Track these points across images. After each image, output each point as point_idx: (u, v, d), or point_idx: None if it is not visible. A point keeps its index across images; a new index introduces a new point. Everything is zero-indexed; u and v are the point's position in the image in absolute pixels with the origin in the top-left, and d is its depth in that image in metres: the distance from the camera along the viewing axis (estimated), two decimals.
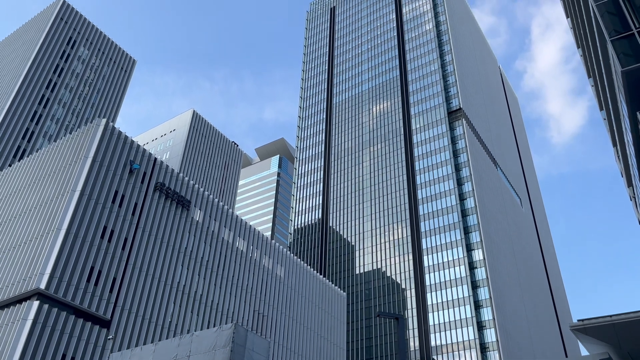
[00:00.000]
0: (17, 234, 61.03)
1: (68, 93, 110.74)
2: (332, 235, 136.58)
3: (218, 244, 73.94)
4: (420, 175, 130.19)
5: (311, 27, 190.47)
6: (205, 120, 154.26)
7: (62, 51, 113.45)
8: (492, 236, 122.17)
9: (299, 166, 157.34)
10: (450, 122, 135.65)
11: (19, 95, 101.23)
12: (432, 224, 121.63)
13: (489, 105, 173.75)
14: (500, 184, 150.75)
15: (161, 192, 68.06)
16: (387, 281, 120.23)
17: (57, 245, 54.27)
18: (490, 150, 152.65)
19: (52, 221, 57.25)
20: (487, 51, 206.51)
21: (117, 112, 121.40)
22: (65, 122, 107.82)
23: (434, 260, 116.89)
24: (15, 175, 71.16)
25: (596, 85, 46.71)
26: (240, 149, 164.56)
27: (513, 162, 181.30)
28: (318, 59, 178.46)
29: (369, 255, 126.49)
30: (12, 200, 67.48)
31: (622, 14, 32.82)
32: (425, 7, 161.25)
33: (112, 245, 59.61)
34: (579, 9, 45.79)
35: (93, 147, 61.95)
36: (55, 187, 61.56)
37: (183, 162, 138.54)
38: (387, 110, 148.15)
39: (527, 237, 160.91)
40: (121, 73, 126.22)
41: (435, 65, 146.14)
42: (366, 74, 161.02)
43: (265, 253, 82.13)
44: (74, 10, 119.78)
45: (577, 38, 53.45)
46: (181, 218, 69.79)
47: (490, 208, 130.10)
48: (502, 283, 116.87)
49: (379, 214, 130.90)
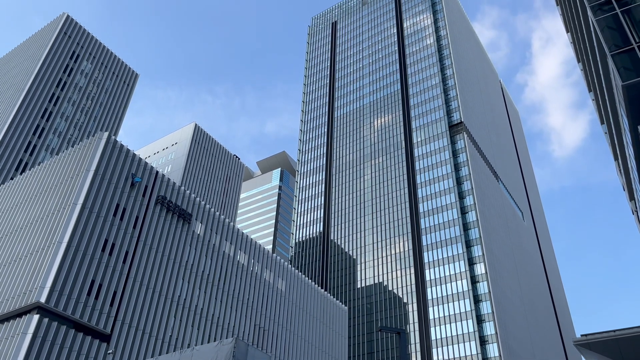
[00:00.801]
0: (18, 247, 60.94)
1: (71, 107, 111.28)
2: (333, 249, 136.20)
3: (219, 257, 73.74)
4: (421, 189, 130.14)
5: (313, 42, 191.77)
6: (207, 133, 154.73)
7: (66, 65, 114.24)
8: (493, 250, 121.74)
9: (301, 179, 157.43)
10: (452, 136, 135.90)
11: (22, 109, 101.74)
12: (433, 237, 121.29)
13: (490, 119, 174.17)
14: (502, 197, 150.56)
15: (162, 205, 68.04)
16: (388, 295, 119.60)
17: (58, 258, 54.16)
18: (492, 163, 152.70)
19: (53, 234, 57.19)
20: (487, 65, 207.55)
21: (119, 126, 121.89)
22: (68, 136, 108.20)
23: (435, 274, 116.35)
24: (17, 188, 71.26)
25: (597, 99, 46.86)
26: (241, 162, 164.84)
27: (514, 175, 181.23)
28: (319, 72, 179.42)
29: (371, 269, 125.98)
30: (13, 213, 67.50)
31: (622, 29, 33.03)
32: (426, 21, 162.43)
33: (112, 259, 59.47)
34: (578, 24, 46.10)
35: (95, 161, 62.09)
36: (56, 200, 61.60)
37: (185, 175, 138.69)
38: (388, 123, 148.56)
39: (529, 251, 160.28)
40: (124, 87, 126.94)
41: (436, 79, 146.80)
42: (367, 87, 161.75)
43: (266, 267, 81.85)
44: (77, 24, 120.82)
45: (577, 52, 53.75)
46: (182, 231, 69.69)
47: (492, 222, 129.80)
48: (504, 297, 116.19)
49: (380, 228, 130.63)
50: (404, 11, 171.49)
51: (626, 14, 33.29)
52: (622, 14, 33.29)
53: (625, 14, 33.28)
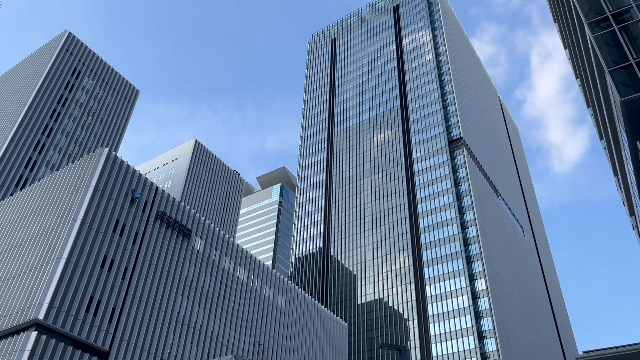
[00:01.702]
0: (17, 263, 60.69)
1: (72, 123, 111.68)
2: (333, 265, 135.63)
3: (219, 273, 73.40)
4: (421, 204, 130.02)
5: (313, 58, 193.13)
6: (207, 149, 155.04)
7: (67, 82, 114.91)
8: (494, 265, 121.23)
9: (300, 195, 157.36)
10: (451, 151, 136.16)
11: (23, 125, 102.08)
12: (434, 253, 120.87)
13: (489, 134, 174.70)
14: (502, 212, 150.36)
15: (162, 221, 67.92)
16: (389, 311, 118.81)
17: (57, 275, 53.91)
18: (492, 179, 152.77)
19: (52, 250, 56.99)
20: (486, 81, 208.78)
21: (119, 141, 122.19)
22: (69, 152, 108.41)
23: (436, 290, 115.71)
24: (17, 204, 71.18)
25: (595, 115, 47.05)
26: (241, 177, 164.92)
27: (514, 191, 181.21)
28: (319, 88, 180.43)
29: (371, 285, 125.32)
30: (13, 229, 67.34)
31: (619, 45, 33.31)
32: (425, 38, 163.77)
33: (112, 275, 59.19)
34: (576, 41, 46.49)
35: (95, 176, 62.13)
36: (56, 216, 61.50)
37: (185, 191, 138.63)
38: (388, 139, 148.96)
39: (530, 267, 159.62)
40: (124, 103, 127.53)
41: (436, 95, 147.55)
42: (367, 103, 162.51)
43: (266, 283, 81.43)
44: (79, 41, 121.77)
45: (576, 68, 54.11)
46: (182, 247, 69.47)
47: (492, 237, 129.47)
48: (505, 313, 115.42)
49: (380, 243, 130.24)
50: (403, 28, 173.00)
51: (623, 31, 33.60)
52: (620, 30, 33.61)
53: (623, 31, 33.59)
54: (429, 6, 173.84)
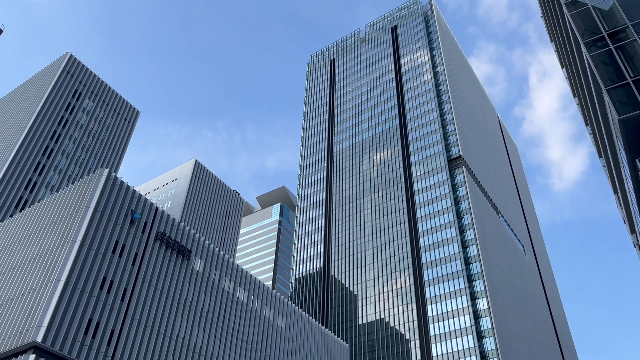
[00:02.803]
0: (16, 285, 60.29)
1: (72, 144, 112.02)
2: (334, 285, 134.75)
3: (218, 294, 72.89)
4: (422, 223, 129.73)
5: (312, 78, 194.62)
6: (206, 169, 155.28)
7: (68, 103, 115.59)
8: (496, 284, 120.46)
9: (300, 214, 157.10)
10: (451, 170, 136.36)
11: (23, 147, 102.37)
12: (435, 272, 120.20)
13: (489, 153, 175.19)
14: (503, 231, 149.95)
15: (162, 242, 67.68)
16: (390, 332, 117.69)
17: (56, 296, 53.51)
18: (492, 197, 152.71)
19: (51, 272, 56.67)
20: (485, 100, 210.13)
21: (120, 162, 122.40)
22: (69, 173, 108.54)
23: (438, 309, 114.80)
24: (16, 225, 71.00)
25: (594, 133, 47.25)
26: (241, 197, 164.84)
27: (514, 209, 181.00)
28: (319, 108, 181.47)
29: (372, 305, 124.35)
30: (12, 250, 67.05)
31: (616, 64, 33.62)
32: (423, 58, 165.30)
33: (111, 296, 58.75)
34: (573, 60, 46.92)
35: (95, 197, 62.09)
36: (55, 238, 61.29)
37: (184, 211, 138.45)
38: (387, 158, 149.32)
39: (532, 285, 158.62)
40: (125, 124, 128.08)
41: (434, 114, 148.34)
42: (366, 123, 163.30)
43: (266, 303, 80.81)
44: (80, 63, 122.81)
45: (573, 87, 54.51)
46: (181, 268, 69.10)
47: (493, 256, 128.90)
48: (508, 333, 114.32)
49: (381, 263, 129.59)
50: (401, 48, 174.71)
51: (620, 50, 33.94)
52: (616, 49, 33.95)
53: (619, 50, 33.94)
54: (427, 27, 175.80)
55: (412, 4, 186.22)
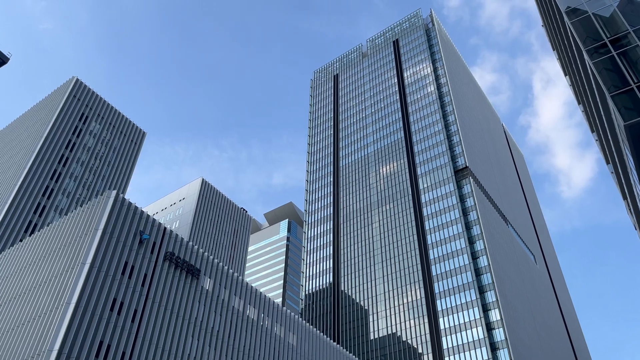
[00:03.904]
0: (27, 309, 60.38)
1: (80, 167, 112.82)
2: (344, 300, 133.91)
3: (229, 313, 72.60)
4: (430, 235, 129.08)
5: (316, 94, 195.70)
6: (213, 187, 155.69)
7: (75, 127, 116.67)
8: (507, 295, 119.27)
9: (308, 230, 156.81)
10: (458, 181, 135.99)
11: (32, 171, 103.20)
12: (445, 284, 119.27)
13: (495, 163, 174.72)
14: (512, 241, 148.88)
15: (171, 262, 67.70)
16: (403, 346, 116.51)
17: (66, 320, 53.51)
18: (500, 207, 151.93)
19: (61, 295, 56.74)
20: (489, 110, 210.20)
21: (127, 183, 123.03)
22: (77, 195, 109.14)
23: (450, 322, 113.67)
24: (26, 250, 71.31)
25: (600, 140, 47.10)
26: (249, 214, 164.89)
27: (523, 218, 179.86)
28: (323, 124, 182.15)
29: (383, 320, 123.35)
30: (23, 275, 67.27)
31: (619, 70, 33.62)
32: (425, 70, 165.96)
33: (121, 318, 58.66)
34: (576, 67, 46.96)
35: (103, 219, 62.34)
36: (65, 261, 61.47)
37: (192, 230, 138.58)
38: (394, 171, 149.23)
39: (544, 295, 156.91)
40: (131, 145, 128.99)
41: (439, 126, 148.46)
42: (371, 136, 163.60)
43: (276, 321, 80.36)
44: (86, 87, 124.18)
45: (577, 94, 54.47)
46: (191, 287, 68.98)
47: (504, 266, 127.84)
48: (522, 344, 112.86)
49: (391, 276, 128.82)
50: (404, 62, 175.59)
51: (622, 56, 33.97)
52: (619, 56, 33.98)
53: (622, 56, 33.96)
54: (428, 39, 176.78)
55: (413, 17, 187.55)
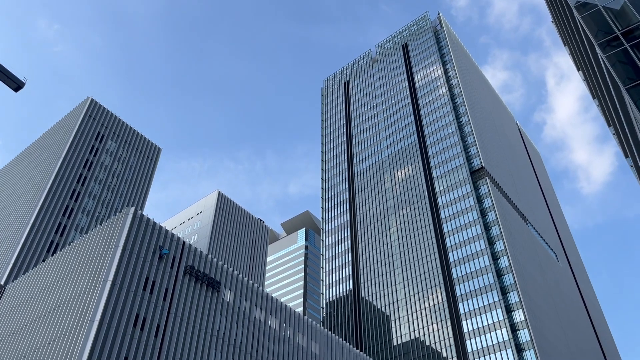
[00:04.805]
0: (52, 329, 61.09)
1: (98, 185, 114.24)
2: (365, 306, 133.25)
3: (250, 324, 72.67)
4: (449, 238, 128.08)
5: (327, 102, 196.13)
6: (230, 200, 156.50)
7: (92, 146, 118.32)
8: (531, 295, 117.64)
9: (326, 237, 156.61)
10: (474, 182, 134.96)
11: (52, 192, 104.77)
12: (467, 287, 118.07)
13: (511, 162, 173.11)
14: (533, 240, 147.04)
15: (191, 275, 68.06)
16: (427, 350, 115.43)
17: (91, 337, 54.00)
18: (518, 206, 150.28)
19: (85, 313, 57.33)
20: (502, 108, 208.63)
21: (145, 200, 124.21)
22: (96, 214, 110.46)
23: (473, 325, 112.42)
24: (49, 270, 72.26)
25: (618, 134, 46.43)
26: (266, 225, 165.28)
27: (543, 216, 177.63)
28: (336, 131, 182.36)
29: (405, 325, 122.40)
30: (47, 294, 68.14)
31: (633, 63, 33.19)
32: (436, 72, 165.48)
33: (144, 334, 59.04)
34: (589, 61, 46.47)
35: (123, 236, 62.98)
36: (87, 279, 62.16)
37: (211, 243, 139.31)
38: (409, 174, 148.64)
39: (568, 293, 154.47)
40: (147, 162, 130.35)
41: (453, 127, 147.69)
42: (385, 141, 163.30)
43: (298, 330, 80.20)
44: (101, 107, 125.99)
45: (592, 89, 53.85)
46: (212, 300, 69.22)
47: (526, 266, 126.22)
48: (548, 345, 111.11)
49: (411, 281, 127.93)
50: (414, 65, 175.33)
51: (635, 48, 33.53)
52: (632, 48, 33.56)
53: (635, 48, 33.54)
54: (438, 41, 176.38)
55: (420, 21, 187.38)
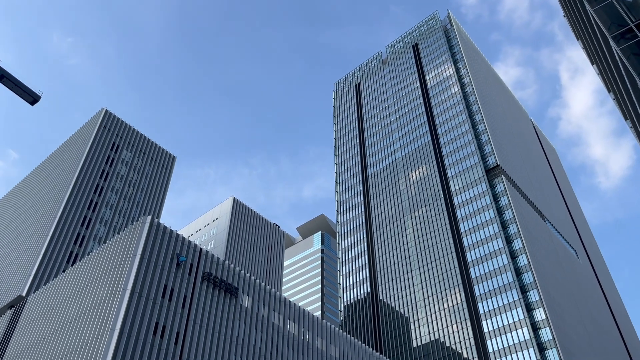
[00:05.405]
0: (73, 338, 61.73)
1: (114, 195, 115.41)
2: (383, 309, 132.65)
3: (269, 329, 72.75)
4: (466, 237, 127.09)
5: (339, 105, 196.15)
6: (245, 205, 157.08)
7: (107, 156, 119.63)
8: (551, 293, 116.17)
9: (342, 240, 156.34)
10: (490, 180, 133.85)
11: (69, 203, 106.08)
12: (486, 286, 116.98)
13: (526, 159, 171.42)
14: (551, 237, 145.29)
15: (209, 282, 68.37)
16: (447, 352, 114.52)
17: (112, 346, 54.45)
18: (535, 203, 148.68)
19: (106, 322, 57.85)
20: (516, 105, 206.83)
21: (161, 208, 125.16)
22: (114, 223, 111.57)
23: (493, 324, 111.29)
24: (69, 280, 73.11)
25: (635, 127, 45.75)
26: (281, 229, 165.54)
27: (561, 213, 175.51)
28: (349, 133, 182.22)
29: (425, 326, 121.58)
30: (67, 305, 68.91)
31: None
32: (448, 71, 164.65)
33: (164, 342, 59.39)
34: (603, 55, 45.89)
35: (140, 245, 63.50)
36: (107, 288, 62.75)
37: (227, 249, 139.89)
38: (424, 175, 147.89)
39: (590, 290, 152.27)
40: (162, 170, 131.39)
41: (466, 126, 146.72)
42: (398, 142, 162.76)
43: (317, 334, 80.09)
44: (115, 117, 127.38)
45: (607, 82, 53.14)
46: (230, 306, 69.45)
47: (545, 263, 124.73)
48: (571, 343, 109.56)
49: (429, 282, 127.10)
50: (425, 64, 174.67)
51: None
52: None
53: None
54: (448, 40, 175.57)
55: (430, 20, 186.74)
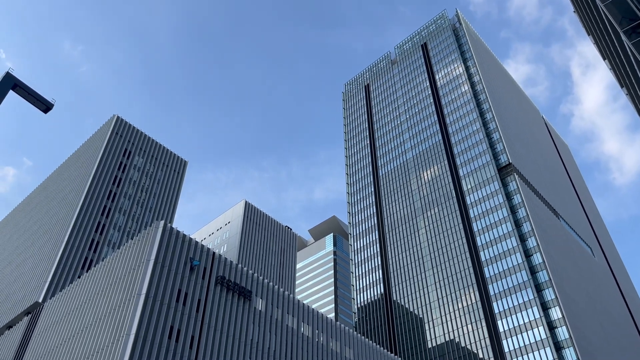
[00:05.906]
0: (89, 344, 62.23)
1: (127, 201, 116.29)
2: (397, 310, 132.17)
3: (283, 331, 72.79)
4: (480, 237, 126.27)
5: (348, 106, 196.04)
6: (257, 209, 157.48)
7: (120, 162, 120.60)
8: (567, 291, 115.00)
9: (354, 242, 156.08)
10: (502, 179, 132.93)
11: (83, 209, 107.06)
12: (500, 285, 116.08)
13: (539, 156, 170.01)
14: (566, 234, 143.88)
15: (222, 286, 68.61)
16: (462, 352, 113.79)
17: (128, 351, 54.80)
18: (549, 201, 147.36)
19: (121, 327, 58.26)
20: (527, 103, 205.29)
21: (174, 212, 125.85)
22: (127, 229, 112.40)
23: (509, 324, 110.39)
24: (84, 286, 73.75)
25: None
26: (294, 232, 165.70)
27: (575, 210, 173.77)
28: (359, 134, 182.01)
29: (439, 327, 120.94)
30: (83, 311, 69.51)
31: None
32: (458, 70, 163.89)
33: (179, 346, 59.67)
34: (614, 50, 45.40)
35: (154, 250, 63.90)
36: (122, 293, 63.20)
37: (240, 253, 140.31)
38: (435, 174, 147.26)
39: (606, 288, 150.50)
40: (174, 175, 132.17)
41: (477, 125, 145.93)
42: (408, 142, 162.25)
43: (331, 336, 79.97)
44: (127, 123, 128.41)
45: (619, 77, 52.56)
46: (244, 309, 69.61)
47: (560, 262, 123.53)
48: (587, 342, 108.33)
49: (443, 282, 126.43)
50: (434, 64, 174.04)
51: None
52: None
53: None
54: (457, 39, 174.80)
55: (439, 19, 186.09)
